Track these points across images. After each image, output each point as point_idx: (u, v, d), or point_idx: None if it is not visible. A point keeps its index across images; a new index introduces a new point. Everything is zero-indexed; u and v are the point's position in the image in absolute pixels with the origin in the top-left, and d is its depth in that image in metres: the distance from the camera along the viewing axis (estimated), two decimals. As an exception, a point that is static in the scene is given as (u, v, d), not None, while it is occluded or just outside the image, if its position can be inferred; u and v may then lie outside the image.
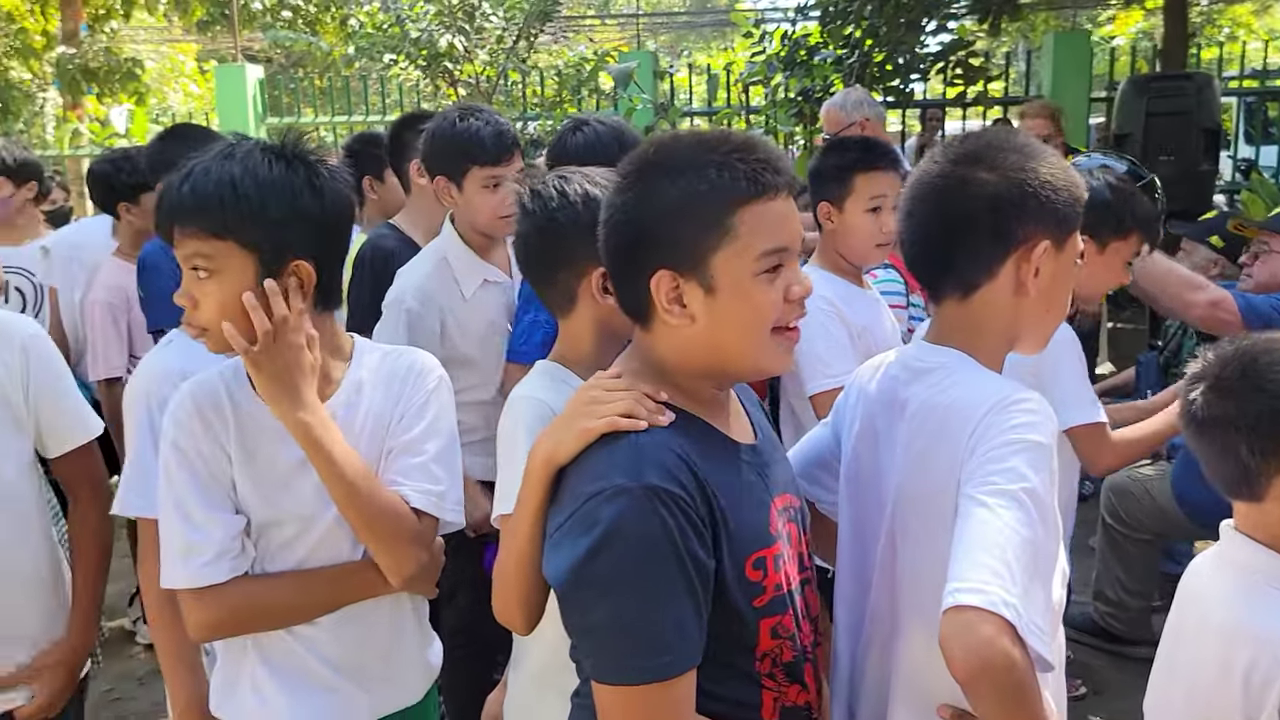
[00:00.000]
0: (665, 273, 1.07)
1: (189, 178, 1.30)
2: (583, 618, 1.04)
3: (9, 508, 1.70)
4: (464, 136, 2.14)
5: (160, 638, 1.60)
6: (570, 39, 10.66)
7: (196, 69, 13.57)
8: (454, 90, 6.67)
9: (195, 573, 1.34)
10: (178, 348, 1.71)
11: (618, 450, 1.04)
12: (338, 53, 7.57)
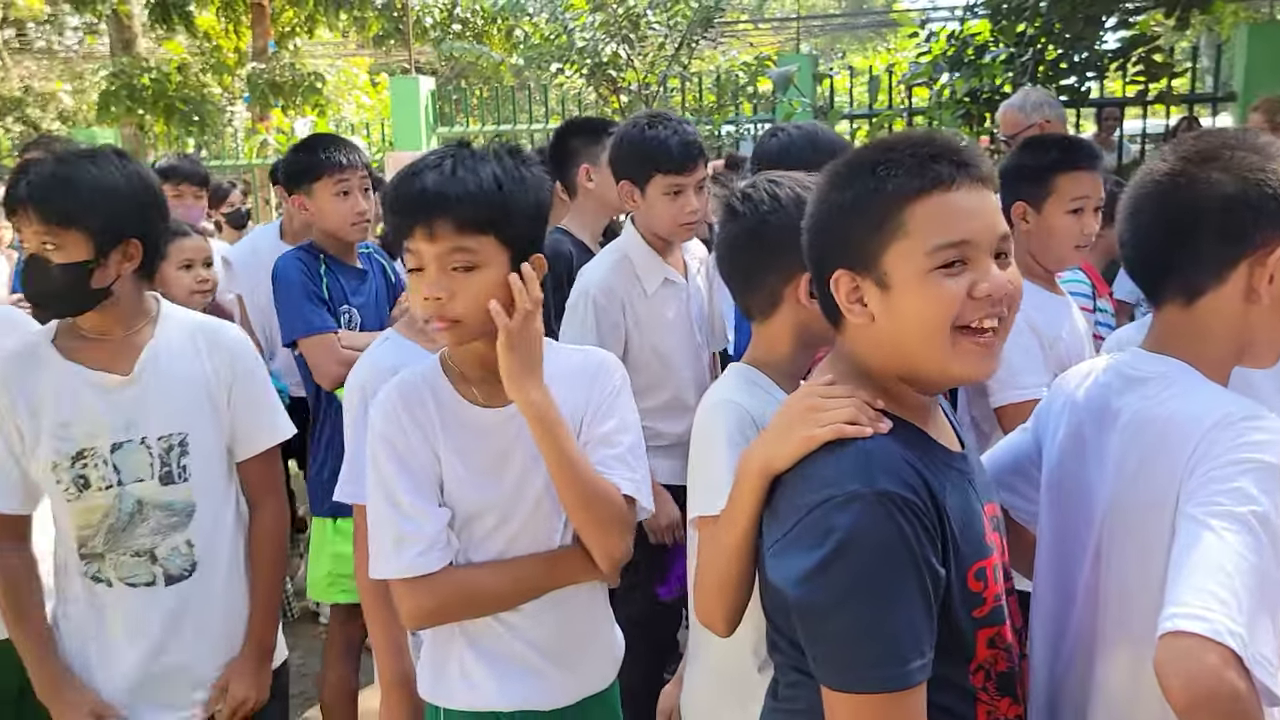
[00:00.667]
0: (844, 272, 1.09)
1: (447, 177, 1.34)
2: (817, 625, 1.03)
3: (218, 506, 1.84)
4: (651, 144, 2.21)
5: (372, 617, 1.72)
6: (724, 44, 10.69)
7: (368, 82, 14.32)
8: (616, 97, 6.80)
9: (409, 563, 1.41)
10: (393, 345, 1.84)
11: (845, 457, 1.04)
12: (504, 66, 7.86)
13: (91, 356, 1.75)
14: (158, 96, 11.08)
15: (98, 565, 1.75)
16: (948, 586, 1.03)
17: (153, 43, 13.70)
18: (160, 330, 1.80)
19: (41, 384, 1.72)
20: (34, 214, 1.66)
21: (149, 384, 1.76)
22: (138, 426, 1.75)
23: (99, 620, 1.77)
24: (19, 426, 1.71)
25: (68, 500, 1.73)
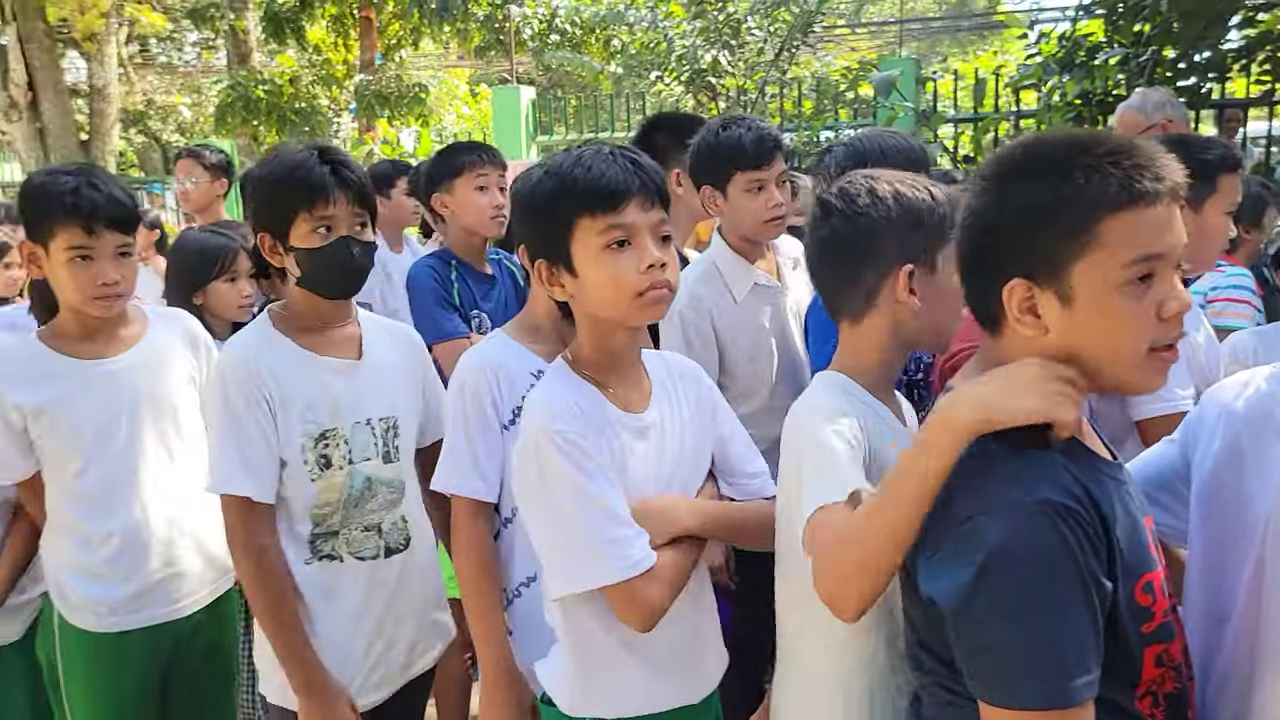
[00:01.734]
0: (1019, 281, 1.04)
1: (625, 159, 1.41)
2: (977, 638, 0.99)
3: (415, 485, 1.98)
4: (727, 144, 2.21)
5: (471, 607, 1.78)
6: (817, 49, 10.60)
7: (468, 93, 14.65)
8: (714, 104, 6.80)
9: (639, 561, 1.38)
10: (498, 344, 1.87)
11: (1006, 462, 1.01)
12: (603, 76, 7.95)
13: (316, 344, 1.88)
14: (271, 108, 11.54)
15: (331, 543, 1.86)
16: (1114, 601, 0.99)
17: (265, 56, 14.27)
18: (364, 323, 1.96)
19: (286, 371, 1.82)
20: (350, 197, 1.81)
21: (371, 370, 1.91)
22: (365, 408, 1.88)
23: (326, 600, 1.85)
24: (274, 414, 1.80)
25: (311, 480, 1.83)
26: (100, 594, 2.02)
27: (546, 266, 1.44)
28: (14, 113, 13.63)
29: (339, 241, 1.81)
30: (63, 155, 12.31)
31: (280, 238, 1.83)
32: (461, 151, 2.83)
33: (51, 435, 1.99)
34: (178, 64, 25.17)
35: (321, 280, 1.84)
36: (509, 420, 1.79)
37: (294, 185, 1.80)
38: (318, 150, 1.85)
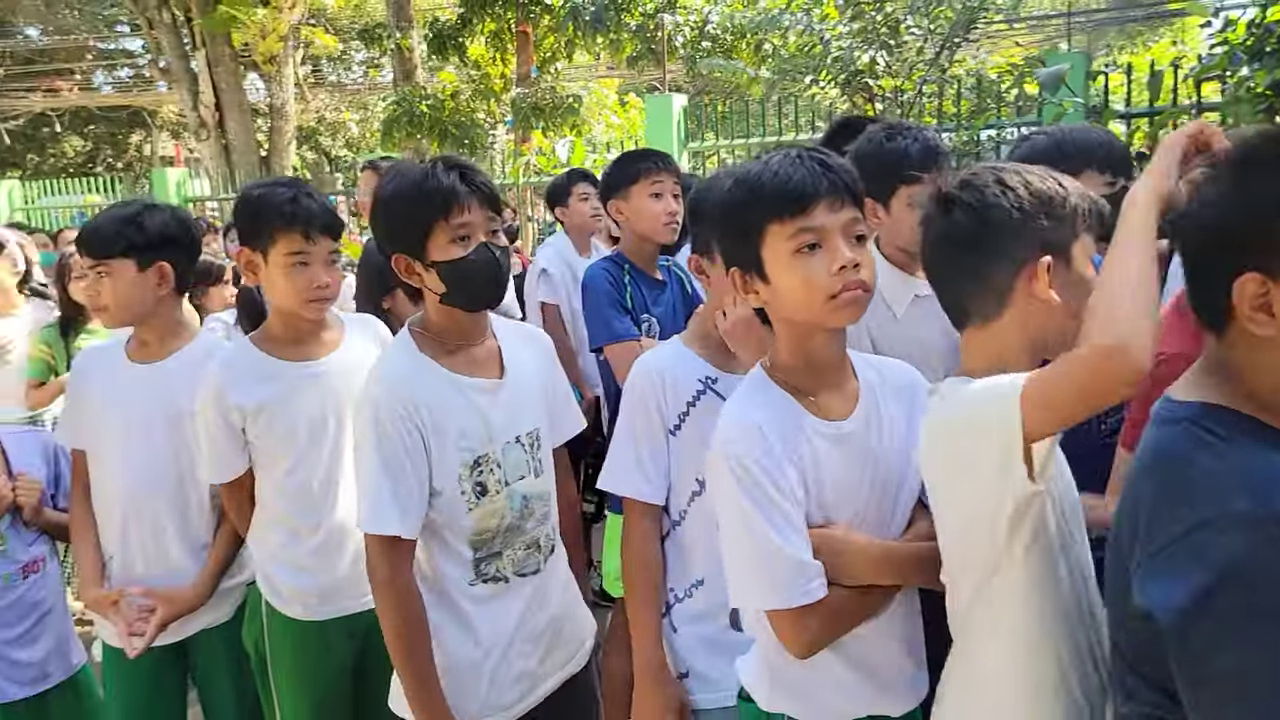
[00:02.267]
0: (1253, 276, 0.99)
1: (813, 161, 1.41)
2: (1200, 664, 0.93)
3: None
4: (892, 155, 2.11)
5: (633, 606, 1.84)
6: (982, 45, 10.25)
7: (616, 102, 14.89)
8: (870, 106, 6.69)
9: (806, 592, 1.39)
10: (671, 350, 1.92)
11: (1232, 467, 0.95)
12: (754, 83, 7.95)
13: (463, 365, 1.84)
14: (433, 122, 12.02)
15: (496, 564, 1.86)
16: None
17: (427, 73, 14.91)
18: (500, 334, 1.94)
19: (438, 399, 1.79)
20: (481, 201, 1.78)
21: (515, 384, 1.89)
22: (513, 426, 1.87)
23: (492, 617, 1.85)
24: (428, 446, 1.77)
25: (469, 509, 1.81)
26: (307, 585, 2.16)
27: (740, 274, 1.46)
28: (203, 131, 14.74)
29: (481, 248, 1.77)
30: (246, 171, 13.20)
31: (418, 255, 1.78)
32: (637, 159, 2.89)
33: (268, 434, 2.13)
34: (346, 83, 26.61)
35: (468, 292, 1.80)
36: (674, 425, 1.81)
37: (426, 197, 1.75)
38: (439, 160, 1.81)
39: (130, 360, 2.35)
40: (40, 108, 24.54)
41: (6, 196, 12.52)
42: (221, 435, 2.14)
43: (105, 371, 2.35)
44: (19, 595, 2.38)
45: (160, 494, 2.31)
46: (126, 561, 2.33)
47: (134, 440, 2.30)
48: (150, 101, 26.28)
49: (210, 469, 2.21)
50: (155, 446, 2.30)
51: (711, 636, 1.78)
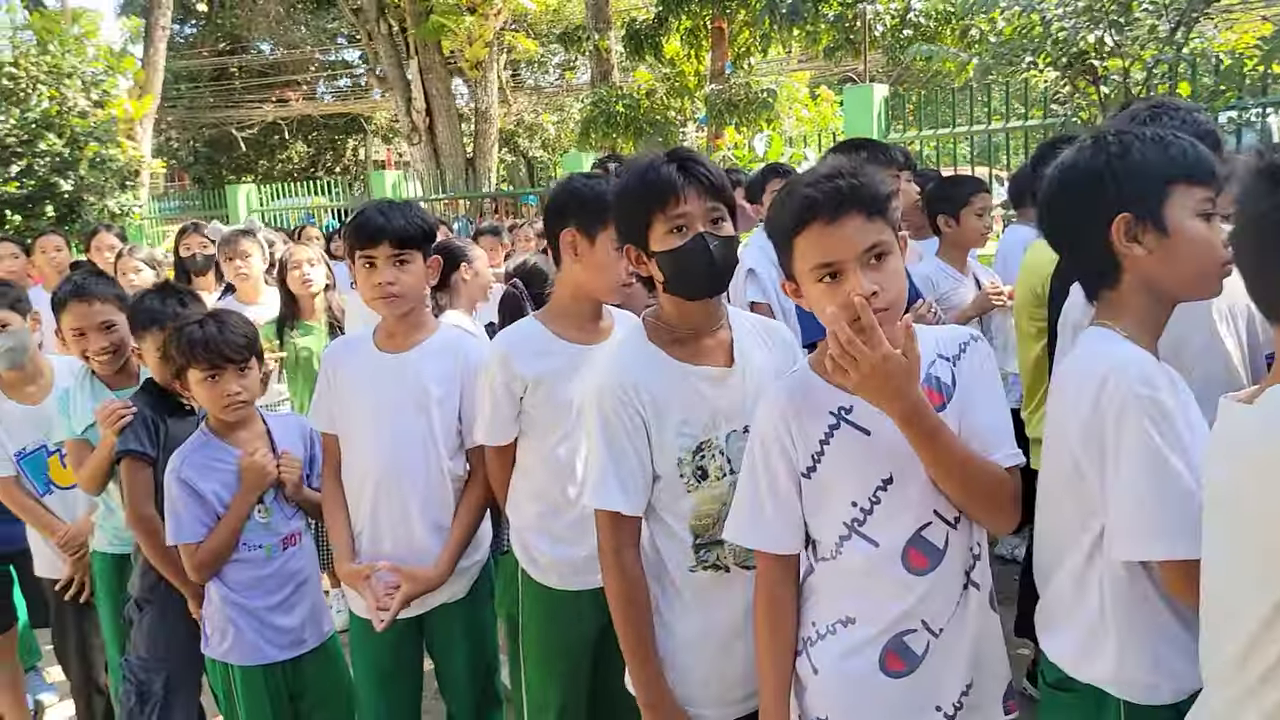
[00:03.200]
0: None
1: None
2: None
3: None
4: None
5: (761, 656, 1.74)
6: (1216, 21, 9.40)
7: (808, 95, 14.69)
8: (1094, 89, 6.26)
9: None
10: (798, 382, 1.74)
11: None
12: (965, 69, 7.57)
13: (689, 353, 1.87)
14: (628, 121, 12.24)
15: (716, 552, 1.85)
16: None
17: (622, 74, 15.22)
18: (735, 325, 1.94)
19: (661, 385, 1.83)
20: (701, 191, 1.78)
21: (744, 375, 1.88)
22: (741, 416, 1.85)
23: (708, 606, 1.86)
24: (649, 430, 1.83)
25: (687, 491, 1.84)
26: (563, 555, 2.23)
27: (1128, 222, 1.50)
28: (415, 136, 15.61)
29: (695, 238, 1.78)
30: (453, 173, 13.87)
31: (643, 246, 1.83)
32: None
33: (544, 405, 2.23)
34: (543, 86, 27.54)
35: (683, 281, 1.82)
36: (807, 468, 1.65)
37: (645, 189, 1.80)
38: (669, 153, 1.84)
39: (379, 350, 2.49)
40: (272, 117, 26.75)
41: (245, 198, 13.71)
42: (503, 400, 2.25)
43: (357, 361, 2.50)
44: (279, 565, 2.57)
45: (407, 476, 2.43)
46: (375, 538, 2.46)
47: (384, 425, 2.42)
48: (365, 109, 28.14)
49: (487, 431, 2.32)
50: (404, 431, 2.43)
51: (862, 674, 1.62)
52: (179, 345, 2.48)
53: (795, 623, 1.71)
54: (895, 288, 1.53)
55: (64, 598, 3.07)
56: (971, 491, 1.57)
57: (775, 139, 9.28)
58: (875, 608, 1.62)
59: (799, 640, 1.71)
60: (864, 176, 1.53)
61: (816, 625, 1.69)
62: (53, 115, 11.62)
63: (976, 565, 1.65)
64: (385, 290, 2.38)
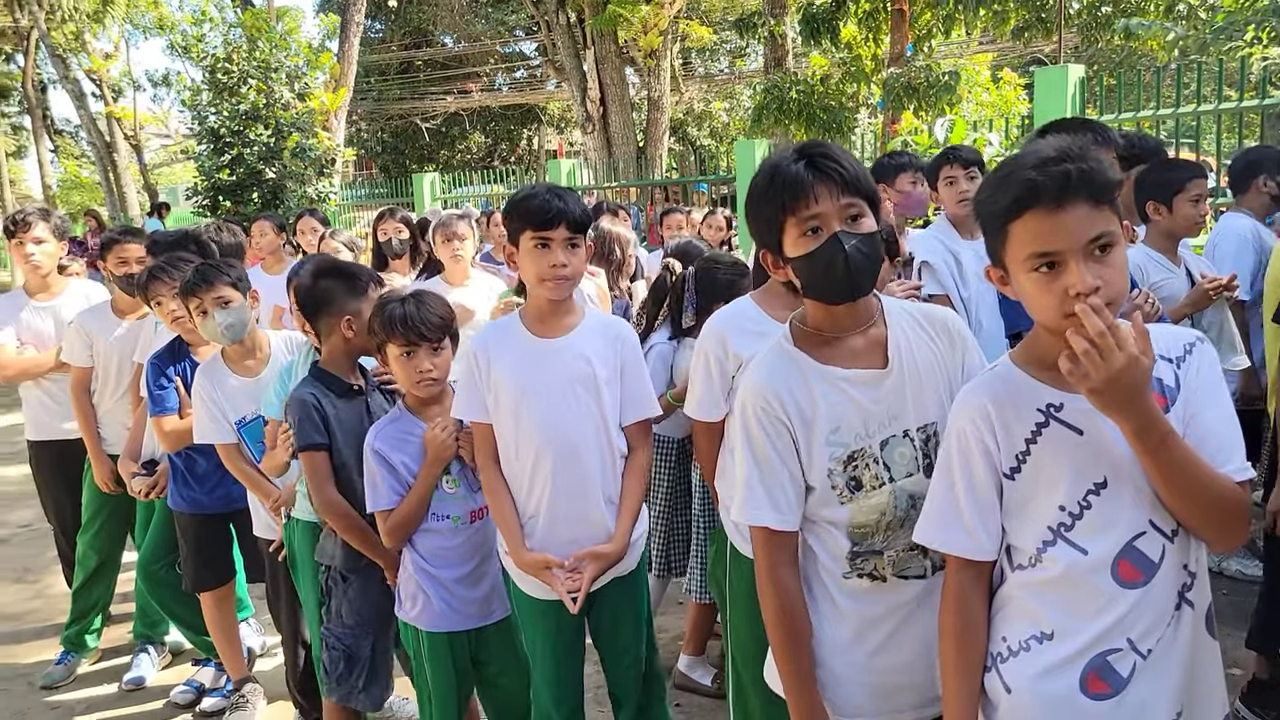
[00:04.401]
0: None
1: None
2: None
3: None
4: None
5: (949, 673, 1.64)
6: None
7: (989, 78, 14.03)
8: (1327, 66, 5.70)
9: None
10: (1000, 376, 1.64)
11: None
12: (1174, 45, 7.05)
13: (837, 356, 1.77)
14: (801, 108, 12.03)
15: (874, 561, 1.78)
16: None
17: (794, 59, 14.98)
18: (891, 322, 1.81)
19: (807, 393, 1.75)
20: (834, 189, 1.69)
21: (902, 375, 1.77)
22: (900, 420, 1.76)
23: (863, 616, 1.79)
24: (796, 441, 1.76)
25: (841, 503, 1.76)
26: None
27: None
28: (589, 125, 15.89)
29: (829, 240, 1.68)
30: (624, 162, 14.04)
31: (778, 250, 1.75)
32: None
33: None
34: (713, 74, 27.49)
35: (820, 286, 1.72)
36: (1010, 468, 1.55)
37: (775, 191, 1.71)
38: (797, 149, 1.74)
39: (535, 335, 2.49)
40: (453, 108, 27.85)
41: (429, 186, 14.33)
42: (716, 377, 2.28)
43: (515, 347, 2.49)
44: (466, 537, 2.67)
45: (584, 457, 2.46)
46: (552, 520, 2.47)
47: (557, 408, 2.44)
48: (540, 99, 28.88)
49: (695, 406, 2.35)
50: (577, 413, 2.46)
51: (1060, 696, 1.51)
52: (381, 321, 2.60)
53: (986, 636, 1.61)
54: (1118, 283, 1.42)
55: (277, 558, 3.29)
56: (1201, 507, 1.45)
57: (959, 123, 8.89)
58: (1077, 623, 1.51)
59: (988, 656, 1.61)
60: (1093, 160, 1.42)
61: (1009, 640, 1.58)
62: (260, 107, 12.50)
63: (1194, 583, 1.52)
64: (559, 272, 2.39)
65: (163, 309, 3.54)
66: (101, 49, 21.94)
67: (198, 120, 13.18)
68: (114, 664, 4.30)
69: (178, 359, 3.55)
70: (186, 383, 3.47)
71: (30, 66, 21.24)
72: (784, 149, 1.78)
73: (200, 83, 13.62)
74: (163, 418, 3.47)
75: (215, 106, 12.67)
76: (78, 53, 21.21)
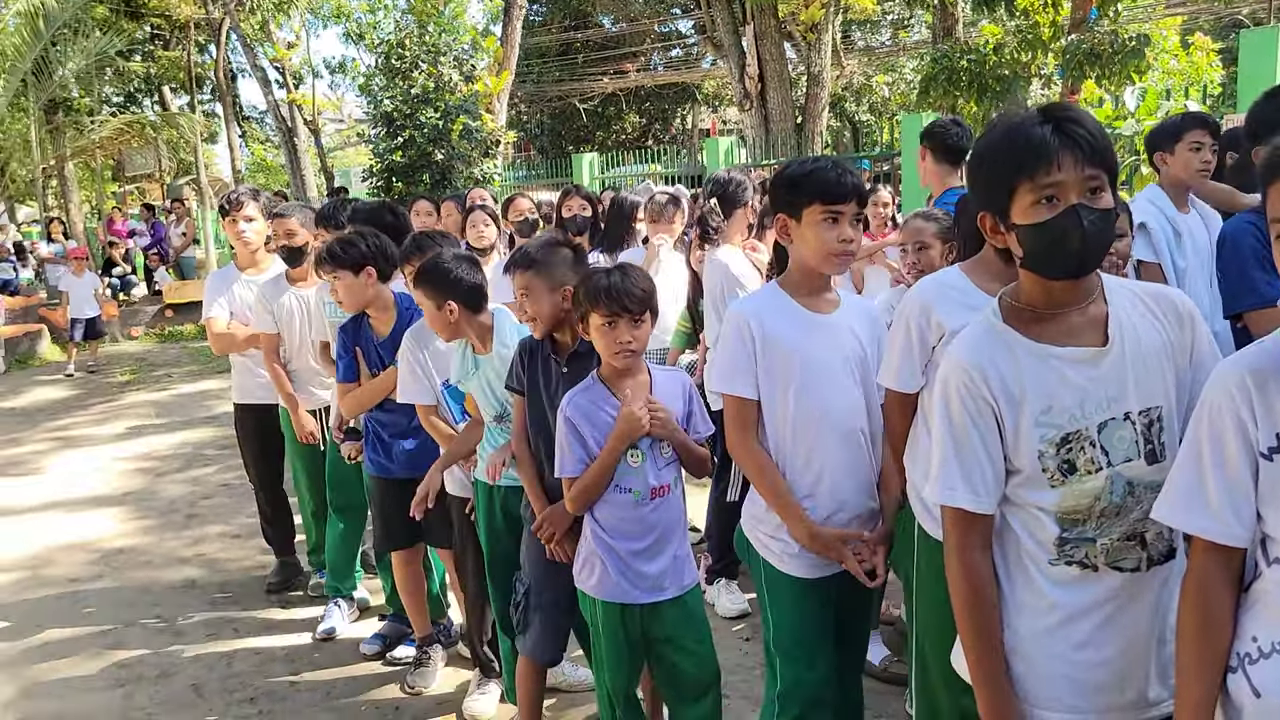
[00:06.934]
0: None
1: None
2: None
3: None
4: None
5: (1183, 672, 1.55)
6: None
7: (1178, 44, 13.04)
8: None
9: None
10: (1262, 350, 1.53)
11: None
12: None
13: (1052, 334, 1.69)
14: (973, 78, 11.53)
15: (1086, 549, 1.69)
16: None
17: (964, 28, 14.37)
18: (1112, 299, 1.72)
19: (1016, 372, 1.68)
20: (1079, 158, 1.59)
21: (1123, 355, 1.67)
22: (1120, 402, 1.66)
23: (1070, 605, 1.70)
24: (1002, 422, 1.69)
25: (1051, 486, 1.68)
26: None
27: None
28: (746, 102, 15.73)
29: (1067, 212, 1.58)
30: (782, 139, 13.84)
31: (1003, 215, 1.65)
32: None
33: None
34: (874, 46, 26.71)
35: (1045, 259, 1.63)
36: (1271, 447, 1.41)
37: (1012, 152, 1.62)
38: (1042, 110, 1.63)
39: (808, 310, 2.44)
40: (610, 88, 28.12)
41: (588, 166, 14.56)
42: (916, 347, 2.22)
43: (792, 320, 2.43)
44: (646, 513, 2.68)
45: (863, 433, 2.43)
46: (835, 492, 2.42)
47: (842, 384, 2.41)
48: (695, 78, 28.80)
49: (893, 376, 2.29)
50: (857, 390, 2.42)
51: None
52: (587, 290, 2.65)
53: (1232, 633, 1.50)
54: None
55: (468, 517, 3.43)
56: None
57: (1151, 91, 8.33)
58: None
59: (1233, 655, 1.49)
60: None
61: (1260, 640, 1.46)
62: (429, 91, 12.96)
63: None
64: (848, 248, 2.34)
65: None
66: (284, 38, 23.25)
67: (371, 104, 13.79)
68: (309, 614, 4.60)
69: (360, 328, 3.78)
70: (365, 351, 3.72)
71: (222, 56, 22.71)
72: (1026, 110, 1.68)
73: (374, 67, 14.24)
74: (342, 385, 3.80)
75: (388, 91, 13.21)
76: (263, 42, 22.56)
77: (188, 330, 14.90)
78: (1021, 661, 1.73)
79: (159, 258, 17.23)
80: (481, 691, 3.63)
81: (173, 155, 23.56)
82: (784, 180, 2.41)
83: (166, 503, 6.66)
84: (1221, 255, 2.57)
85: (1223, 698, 1.50)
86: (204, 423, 9.09)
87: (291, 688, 3.94)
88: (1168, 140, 3.61)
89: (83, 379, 11.91)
